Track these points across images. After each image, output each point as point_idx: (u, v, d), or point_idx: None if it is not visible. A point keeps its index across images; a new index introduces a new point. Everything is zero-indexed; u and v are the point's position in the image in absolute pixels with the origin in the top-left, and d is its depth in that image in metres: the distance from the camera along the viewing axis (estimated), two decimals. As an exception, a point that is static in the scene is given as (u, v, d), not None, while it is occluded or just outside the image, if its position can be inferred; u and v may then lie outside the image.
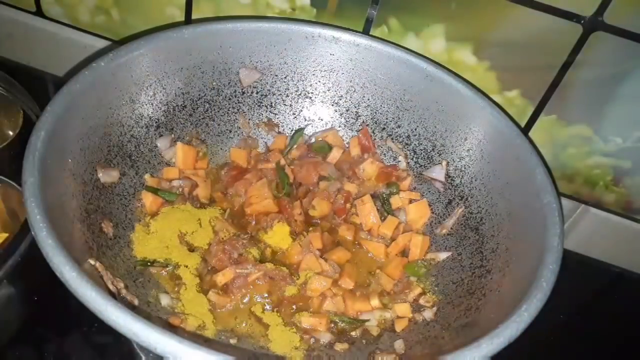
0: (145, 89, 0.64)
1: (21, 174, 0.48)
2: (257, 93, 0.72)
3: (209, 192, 0.68)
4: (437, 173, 0.69)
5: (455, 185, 0.68)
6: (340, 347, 0.57)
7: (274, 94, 0.73)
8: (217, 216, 0.65)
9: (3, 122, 0.73)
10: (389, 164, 0.73)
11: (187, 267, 0.60)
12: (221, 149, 0.73)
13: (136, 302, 0.54)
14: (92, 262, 0.51)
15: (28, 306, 0.62)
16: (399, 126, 0.72)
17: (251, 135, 0.74)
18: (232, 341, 0.56)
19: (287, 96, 0.73)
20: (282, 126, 0.75)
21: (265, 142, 0.75)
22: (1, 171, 0.65)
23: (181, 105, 0.68)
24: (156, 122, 0.67)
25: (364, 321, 0.60)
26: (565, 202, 0.76)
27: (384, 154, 0.74)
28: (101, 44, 0.82)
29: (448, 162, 0.69)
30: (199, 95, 0.69)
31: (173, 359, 0.40)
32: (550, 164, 0.73)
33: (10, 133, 0.72)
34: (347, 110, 0.74)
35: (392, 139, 0.73)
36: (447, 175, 0.69)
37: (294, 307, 0.60)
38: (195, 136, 0.70)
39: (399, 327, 0.60)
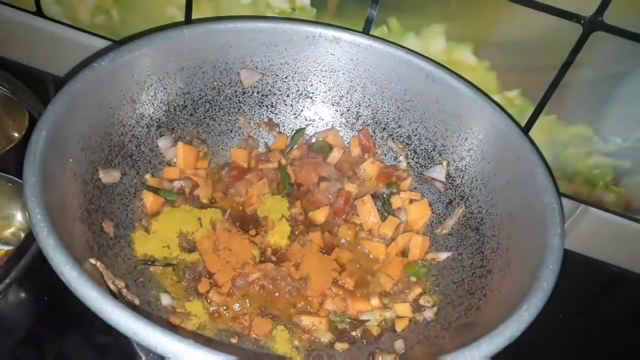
0: (146, 89, 0.64)
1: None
2: (257, 93, 0.72)
3: (210, 192, 0.68)
4: (438, 173, 0.69)
5: (456, 185, 0.68)
6: (340, 346, 0.57)
7: (274, 94, 0.73)
8: (217, 216, 0.65)
9: (9, 124, 0.73)
10: (389, 164, 0.73)
11: (187, 267, 0.61)
12: (222, 149, 0.73)
13: (137, 301, 0.54)
14: (92, 261, 0.51)
15: (36, 308, 0.62)
16: (399, 126, 0.72)
17: (252, 135, 0.74)
18: (232, 341, 0.56)
19: (288, 96, 0.73)
20: (283, 126, 0.75)
21: (266, 142, 0.75)
22: (8, 173, 0.65)
23: (182, 105, 0.68)
24: (157, 122, 0.67)
25: (364, 321, 0.60)
26: (565, 202, 0.76)
27: (385, 154, 0.74)
28: (101, 44, 0.82)
29: (449, 162, 0.69)
30: (200, 95, 0.69)
31: (173, 358, 0.40)
32: (551, 164, 0.73)
33: (17, 135, 0.72)
34: (347, 110, 0.74)
35: (392, 139, 0.73)
36: (448, 175, 0.69)
37: (294, 306, 0.60)
38: (196, 136, 0.70)
39: (399, 327, 0.60)
